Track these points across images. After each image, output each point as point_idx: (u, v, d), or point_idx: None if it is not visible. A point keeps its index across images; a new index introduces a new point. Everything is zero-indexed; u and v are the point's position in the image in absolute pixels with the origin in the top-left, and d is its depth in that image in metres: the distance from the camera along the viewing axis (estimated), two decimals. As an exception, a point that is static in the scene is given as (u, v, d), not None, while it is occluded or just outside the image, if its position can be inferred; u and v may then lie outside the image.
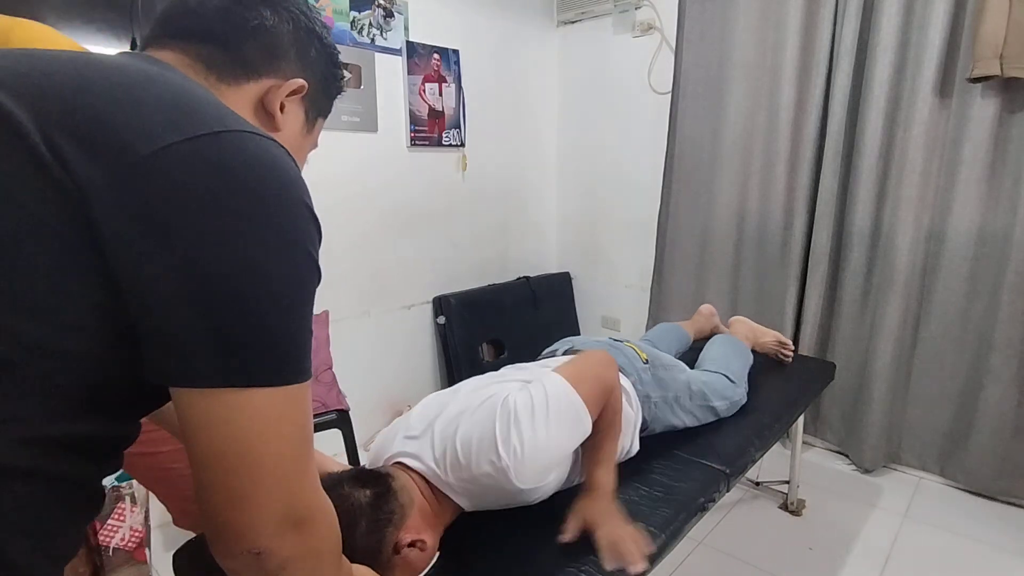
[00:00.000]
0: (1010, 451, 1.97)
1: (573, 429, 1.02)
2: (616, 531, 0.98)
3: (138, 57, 0.56)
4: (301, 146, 0.69)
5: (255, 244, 0.47)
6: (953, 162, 1.97)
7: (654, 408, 1.37)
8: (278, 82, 0.61)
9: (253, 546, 0.50)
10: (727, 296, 2.57)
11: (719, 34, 2.43)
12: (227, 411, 0.47)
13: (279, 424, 0.49)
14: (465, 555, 0.99)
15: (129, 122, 0.45)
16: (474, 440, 0.96)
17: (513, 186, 3.06)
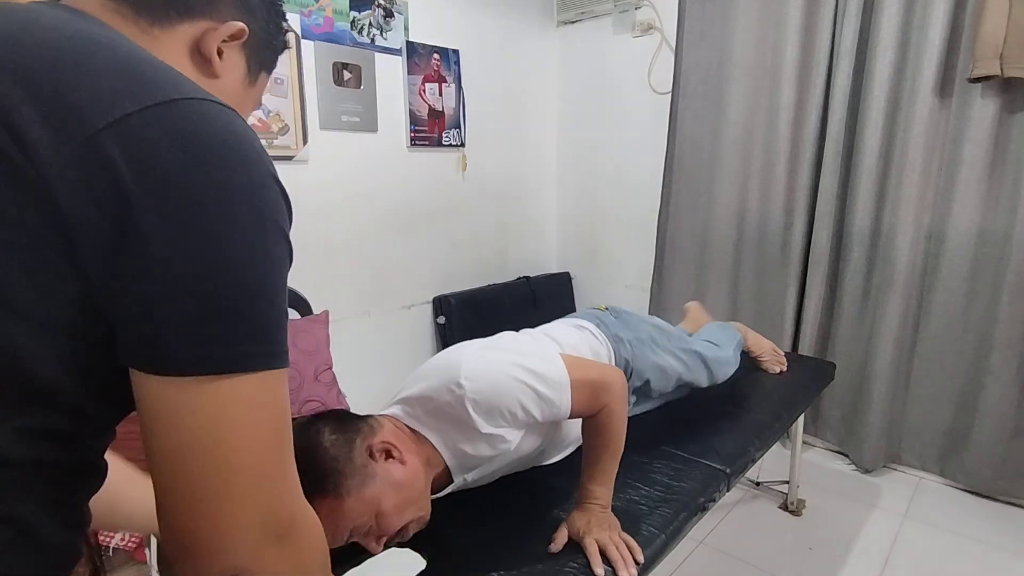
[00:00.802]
0: (1010, 451, 1.97)
1: (544, 390, 1.00)
2: (604, 537, 0.97)
3: (58, 8, 0.49)
4: (243, 99, 0.63)
5: (226, 224, 0.42)
6: (953, 162, 1.97)
7: (631, 348, 1.37)
8: (214, 24, 0.55)
9: (229, 566, 0.43)
10: (727, 296, 2.57)
11: (719, 34, 2.43)
12: (196, 400, 0.42)
13: (253, 413, 0.44)
14: (463, 554, 0.99)
15: (83, 93, 0.41)
16: (442, 367, 0.99)
17: (513, 186, 3.06)
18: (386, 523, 0.90)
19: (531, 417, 1.01)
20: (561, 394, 1.02)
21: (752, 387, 1.71)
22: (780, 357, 1.85)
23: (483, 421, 0.97)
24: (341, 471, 0.87)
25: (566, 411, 1.03)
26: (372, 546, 0.91)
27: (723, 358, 1.55)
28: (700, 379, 1.48)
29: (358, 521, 0.88)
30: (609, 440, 1.05)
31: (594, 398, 1.04)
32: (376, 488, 0.89)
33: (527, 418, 1.01)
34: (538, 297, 3.03)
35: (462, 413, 0.97)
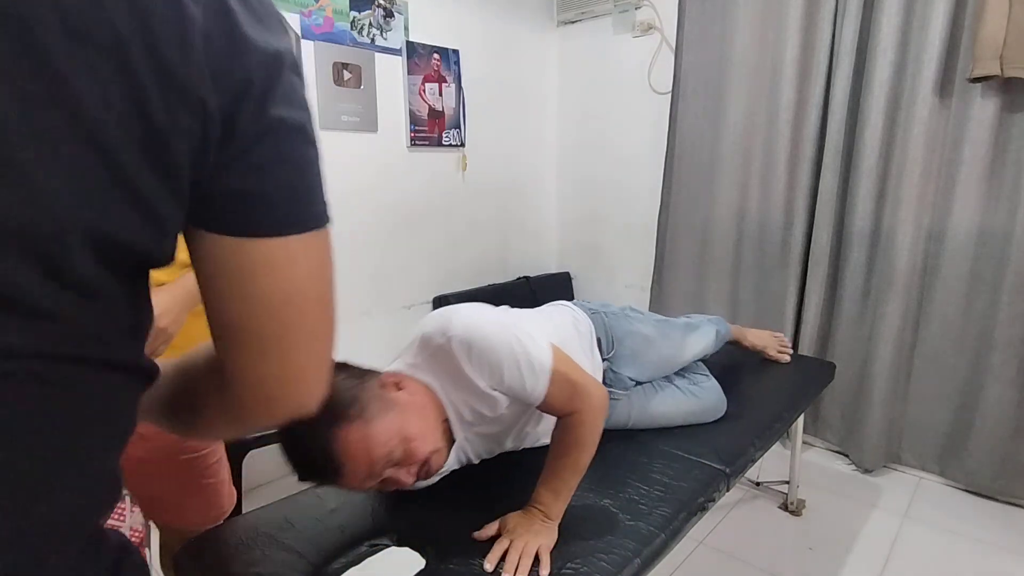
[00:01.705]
0: (1010, 451, 1.97)
1: (525, 366, 1.00)
2: (520, 543, 0.94)
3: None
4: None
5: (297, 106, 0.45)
6: (953, 162, 1.97)
7: (607, 319, 1.43)
8: None
9: (308, 404, 0.49)
10: (727, 296, 2.57)
11: (719, 34, 2.43)
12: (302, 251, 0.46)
13: (328, 260, 0.49)
14: (463, 554, 0.99)
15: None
16: (438, 315, 1.05)
17: (513, 186, 3.06)
18: (414, 448, 0.95)
19: (504, 386, 1.01)
20: (538, 378, 1.01)
21: (752, 387, 1.71)
22: (781, 341, 1.90)
23: (475, 372, 1.00)
24: (360, 399, 0.93)
25: (537, 397, 1.02)
26: (405, 479, 0.95)
27: (694, 323, 1.64)
28: (676, 343, 1.54)
29: (388, 446, 0.92)
30: (572, 448, 1.02)
31: (569, 398, 1.03)
32: (397, 413, 0.95)
33: (503, 385, 1.01)
34: (538, 297, 3.03)
35: (454, 360, 1.00)
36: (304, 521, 1.09)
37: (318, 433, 0.88)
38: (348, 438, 0.89)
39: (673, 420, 1.46)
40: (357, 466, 0.90)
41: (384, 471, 0.94)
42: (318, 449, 0.88)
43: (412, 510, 1.11)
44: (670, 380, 1.53)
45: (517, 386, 1.01)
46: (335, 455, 0.89)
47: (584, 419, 1.03)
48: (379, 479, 0.95)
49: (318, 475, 0.94)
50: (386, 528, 1.06)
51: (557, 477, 1.02)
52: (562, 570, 0.94)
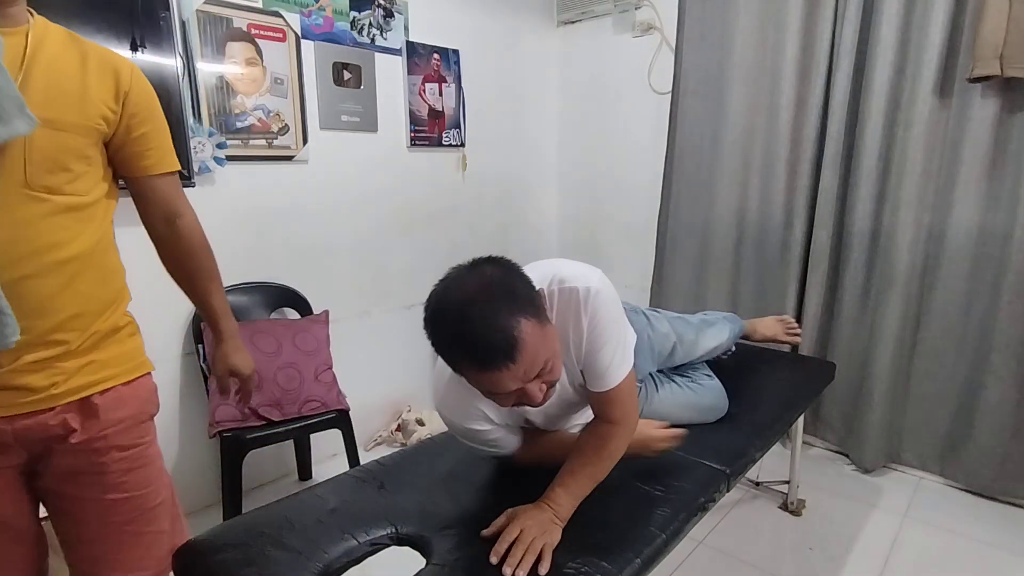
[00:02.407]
0: (1010, 451, 1.97)
1: (623, 351, 1.06)
2: (527, 536, 0.96)
3: None
4: None
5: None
6: (953, 162, 1.97)
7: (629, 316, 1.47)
8: None
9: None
10: (727, 296, 2.57)
11: (719, 34, 2.43)
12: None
13: None
14: (463, 555, 0.99)
15: None
16: (575, 267, 1.06)
17: (513, 186, 3.06)
18: (557, 365, 0.93)
19: (593, 358, 1.04)
20: (620, 371, 1.06)
21: (752, 387, 1.71)
22: (787, 324, 1.92)
23: (584, 330, 1.01)
24: (541, 306, 0.92)
25: (608, 384, 1.06)
26: (537, 394, 0.92)
27: (710, 320, 1.68)
28: (690, 339, 1.58)
29: (550, 352, 0.90)
30: (600, 457, 1.06)
31: (622, 406, 1.08)
32: (553, 328, 0.94)
33: (592, 356, 1.04)
34: (538, 297, 3.03)
35: (578, 310, 1.00)
36: (304, 521, 1.09)
37: (505, 313, 0.85)
38: (529, 329, 0.86)
39: (674, 417, 1.46)
40: (527, 355, 0.86)
41: (533, 376, 0.90)
42: (503, 327, 0.85)
43: (412, 509, 1.11)
44: (671, 378, 1.54)
45: (603, 364, 1.04)
46: (517, 336, 0.85)
47: (620, 433, 1.08)
48: (528, 382, 0.90)
49: (488, 353, 0.85)
50: (386, 528, 1.06)
51: (576, 481, 1.04)
52: (562, 570, 0.94)
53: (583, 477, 1.05)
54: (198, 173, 1.88)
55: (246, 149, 2.01)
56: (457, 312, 0.87)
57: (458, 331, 0.87)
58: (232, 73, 1.95)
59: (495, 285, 0.89)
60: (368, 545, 1.02)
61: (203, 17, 1.86)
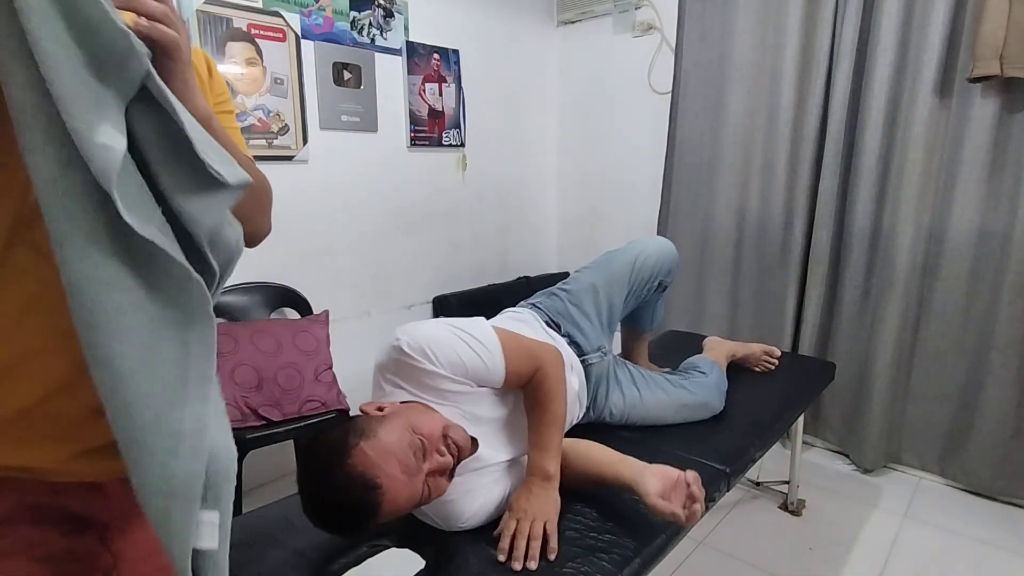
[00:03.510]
0: (1010, 451, 1.97)
1: (477, 345, 1.07)
2: (525, 525, 0.98)
3: None
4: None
5: None
6: (953, 162, 1.97)
7: (545, 303, 1.48)
8: None
9: None
10: (727, 296, 2.57)
11: (719, 34, 2.43)
12: None
13: None
14: (462, 555, 0.99)
15: None
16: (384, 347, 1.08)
17: (513, 186, 3.06)
18: (427, 431, 0.95)
19: (468, 372, 1.06)
20: (492, 352, 1.08)
21: (752, 387, 1.71)
22: (768, 351, 1.87)
23: (425, 361, 1.03)
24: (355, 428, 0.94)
25: (500, 370, 1.08)
26: (443, 461, 0.95)
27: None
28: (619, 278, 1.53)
29: (404, 438, 0.93)
30: (545, 402, 1.11)
31: (528, 361, 1.12)
32: (395, 417, 0.97)
33: (467, 371, 1.06)
34: (538, 297, 3.03)
35: (416, 365, 1.03)
36: (304, 521, 1.09)
37: (339, 472, 0.88)
38: (366, 452, 0.89)
39: (667, 418, 1.46)
40: (390, 467, 0.89)
41: (420, 466, 0.92)
42: (348, 482, 0.87)
43: (412, 510, 1.11)
44: (665, 378, 1.53)
45: (479, 366, 1.07)
46: (366, 473, 0.87)
47: (548, 372, 1.13)
48: (422, 476, 0.92)
49: (362, 509, 0.88)
50: (386, 528, 1.06)
51: (540, 434, 1.08)
52: (563, 569, 0.94)
53: (544, 426, 1.09)
54: (198, 173, 1.88)
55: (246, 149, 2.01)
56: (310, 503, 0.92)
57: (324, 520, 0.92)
58: (232, 73, 1.95)
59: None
60: (368, 546, 1.02)
61: (203, 17, 1.86)
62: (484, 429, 1.11)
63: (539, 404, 1.11)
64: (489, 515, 1.05)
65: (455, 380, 1.06)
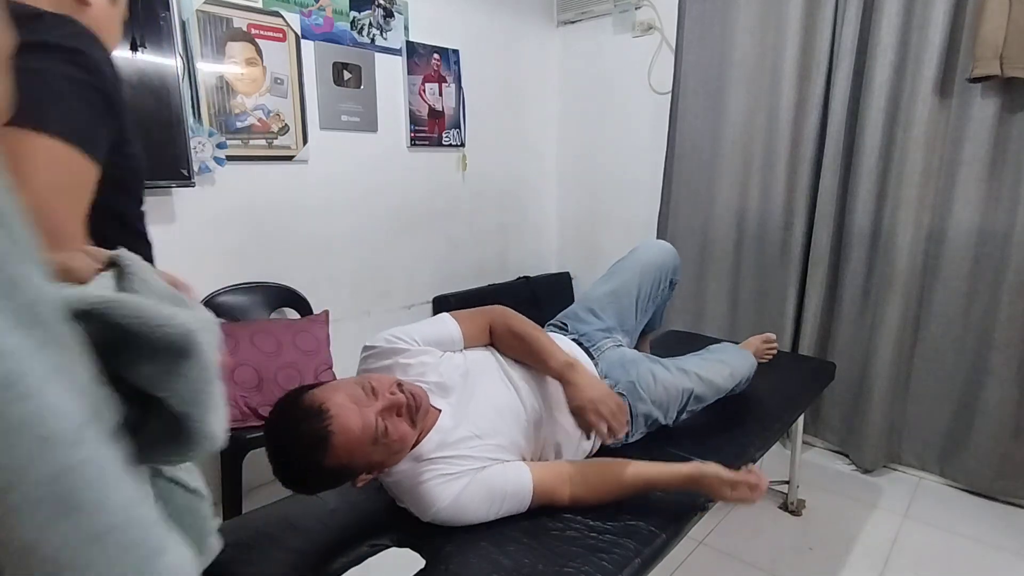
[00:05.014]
0: (1010, 451, 1.97)
1: (423, 323, 1.23)
2: (595, 418, 1.11)
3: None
4: (111, 16, 0.86)
5: None
6: (953, 162, 1.97)
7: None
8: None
9: None
10: (727, 296, 2.57)
11: (719, 34, 2.43)
12: None
13: None
14: (462, 555, 0.99)
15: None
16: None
17: (513, 186, 3.06)
18: (376, 380, 1.02)
19: (424, 334, 1.19)
20: (443, 318, 1.24)
21: (752, 387, 1.70)
22: (766, 339, 1.91)
23: (386, 343, 1.16)
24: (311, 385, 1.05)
25: (452, 325, 1.23)
26: (389, 396, 1.00)
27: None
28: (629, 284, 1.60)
29: (353, 381, 1.02)
30: (518, 331, 1.24)
31: (478, 316, 1.27)
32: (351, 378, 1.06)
33: (424, 334, 1.19)
34: (538, 297, 3.03)
35: (374, 352, 1.16)
36: (304, 521, 1.09)
37: (291, 412, 0.96)
38: (315, 392, 0.97)
39: (711, 371, 1.48)
40: (337, 397, 0.95)
41: (370, 401, 0.98)
42: (299, 415, 0.93)
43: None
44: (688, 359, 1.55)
45: (433, 330, 1.21)
46: (314, 403, 0.94)
47: (499, 314, 1.28)
48: (372, 409, 0.97)
49: (316, 437, 0.92)
50: (386, 528, 1.06)
51: (536, 349, 1.21)
52: (563, 569, 0.94)
53: (533, 343, 1.22)
54: (198, 173, 1.88)
55: (246, 149, 2.01)
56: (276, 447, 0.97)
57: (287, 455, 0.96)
58: (232, 73, 1.95)
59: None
60: (368, 546, 1.02)
61: (203, 17, 1.86)
62: (452, 400, 1.14)
63: (515, 335, 1.23)
64: (467, 514, 1.03)
65: (417, 351, 1.15)
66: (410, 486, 1.04)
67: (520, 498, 1.07)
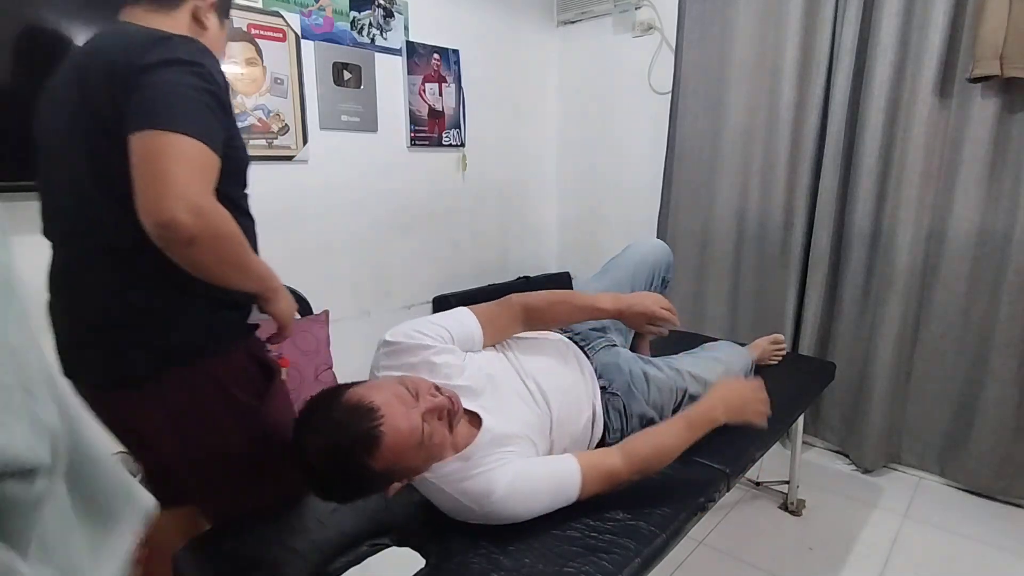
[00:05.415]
0: (1010, 451, 1.97)
1: (443, 316, 1.20)
2: (645, 325, 1.30)
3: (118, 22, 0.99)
4: (219, 37, 1.09)
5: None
6: (953, 162, 1.97)
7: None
8: (200, 3, 1.03)
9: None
10: (727, 296, 2.57)
11: (719, 34, 2.43)
12: None
13: None
14: (463, 555, 0.99)
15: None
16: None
17: (513, 186, 3.06)
18: (412, 382, 0.99)
19: (448, 333, 1.14)
20: (462, 313, 1.21)
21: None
22: (774, 340, 1.90)
23: (409, 339, 1.11)
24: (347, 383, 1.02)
25: (472, 322, 1.20)
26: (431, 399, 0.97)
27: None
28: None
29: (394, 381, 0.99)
30: (546, 300, 1.28)
31: (495, 307, 1.25)
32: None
33: (448, 333, 1.14)
34: (538, 297, 3.03)
35: (395, 347, 1.12)
36: (304, 522, 1.09)
37: (335, 411, 0.91)
38: (358, 389, 0.94)
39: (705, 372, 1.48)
40: (384, 395, 0.92)
41: (415, 402, 0.95)
42: (346, 414, 0.90)
43: (412, 510, 1.11)
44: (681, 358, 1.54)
45: (456, 327, 1.17)
46: (362, 400, 0.90)
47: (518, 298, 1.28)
48: (419, 410, 0.94)
49: (366, 439, 0.88)
50: (386, 528, 1.06)
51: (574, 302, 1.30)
52: (563, 569, 0.94)
53: (569, 299, 1.30)
54: (198, 173, 1.88)
55: (246, 149, 2.01)
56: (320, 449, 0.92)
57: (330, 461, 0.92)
58: (232, 73, 1.95)
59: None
60: (368, 546, 1.02)
61: (203, 17, 1.86)
62: (483, 403, 1.10)
63: (553, 304, 1.27)
64: (523, 500, 1.01)
65: (443, 348, 1.11)
66: (460, 480, 1.00)
67: (570, 471, 1.05)
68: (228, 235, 0.88)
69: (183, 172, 0.81)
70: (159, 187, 0.80)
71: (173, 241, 0.82)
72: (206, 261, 0.87)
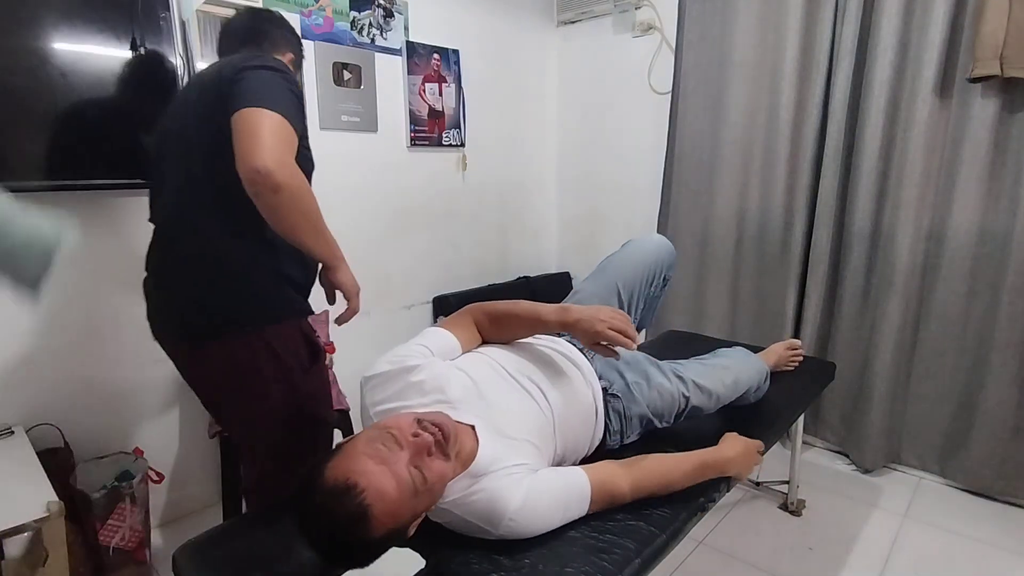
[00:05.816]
0: (1010, 451, 1.97)
1: (419, 335, 1.22)
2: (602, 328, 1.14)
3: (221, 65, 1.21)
4: (295, 64, 1.41)
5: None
6: (953, 162, 1.97)
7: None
8: (284, 58, 1.36)
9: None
10: (727, 296, 2.57)
11: (719, 34, 2.43)
12: None
13: None
14: (463, 556, 0.99)
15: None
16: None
17: (513, 186, 3.06)
18: (393, 423, 0.95)
19: (425, 347, 1.16)
20: (435, 328, 1.24)
21: (752, 387, 1.70)
22: (792, 346, 1.88)
23: (390, 364, 1.15)
24: (323, 457, 0.95)
25: (447, 335, 1.21)
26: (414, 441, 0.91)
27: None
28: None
29: (367, 436, 0.93)
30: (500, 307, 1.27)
31: (461, 316, 1.29)
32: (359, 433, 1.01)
33: (425, 348, 1.16)
34: (538, 297, 3.00)
35: (378, 378, 1.15)
36: (304, 521, 1.09)
37: (317, 496, 0.85)
38: (331, 466, 0.87)
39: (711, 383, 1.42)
40: (360, 465, 0.85)
41: (396, 454, 0.88)
42: (328, 498, 0.83)
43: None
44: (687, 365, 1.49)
45: (431, 340, 1.19)
46: (338, 480, 0.84)
47: (477, 308, 1.30)
48: (402, 462, 0.88)
49: (354, 516, 0.83)
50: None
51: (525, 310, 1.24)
52: (563, 569, 0.94)
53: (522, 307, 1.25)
54: (198, 173, 1.88)
55: (246, 149, 2.01)
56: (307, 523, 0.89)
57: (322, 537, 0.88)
58: (232, 73, 1.95)
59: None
60: (368, 545, 1.02)
61: (203, 17, 1.86)
62: (476, 412, 1.08)
63: (502, 316, 1.25)
64: (539, 514, 0.99)
65: (426, 364, 1.11)
66: (473, 500, 0.98)
67: (580, 488, 1.04)
68: (308, 192, 1.09)
69: (272, 136, 1.03)
70: (254, 144, 1.01)
71: (263, 186, 1.00)
72: (289, 211, 1.05)
